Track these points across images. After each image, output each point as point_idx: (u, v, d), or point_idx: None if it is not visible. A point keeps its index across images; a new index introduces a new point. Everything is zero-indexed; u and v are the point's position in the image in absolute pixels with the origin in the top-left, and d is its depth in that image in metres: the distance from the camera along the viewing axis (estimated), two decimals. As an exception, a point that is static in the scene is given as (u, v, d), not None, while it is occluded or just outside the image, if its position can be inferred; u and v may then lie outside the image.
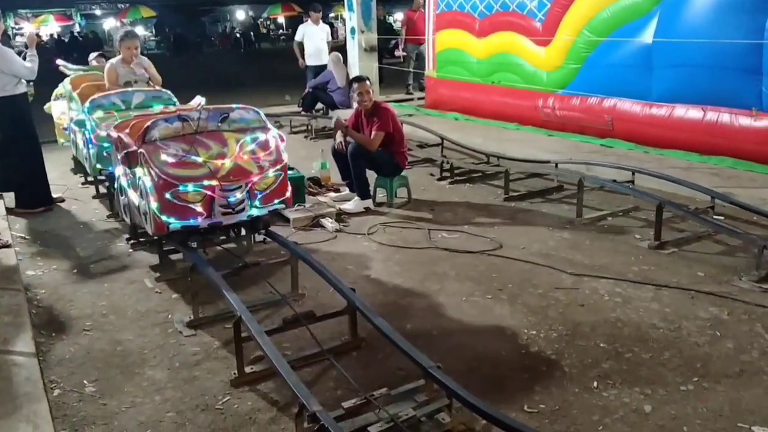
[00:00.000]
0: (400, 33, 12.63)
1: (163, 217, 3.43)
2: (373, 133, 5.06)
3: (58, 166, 6.83)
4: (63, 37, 34.64)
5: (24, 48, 5.56)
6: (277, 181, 3.70)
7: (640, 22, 6.60)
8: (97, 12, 43.03)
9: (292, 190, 3.93)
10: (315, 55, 10.05)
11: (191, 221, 3.48)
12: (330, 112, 9.53)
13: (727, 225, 4.12)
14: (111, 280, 3.95)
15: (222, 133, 3.69)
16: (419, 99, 10.53)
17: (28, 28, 33.01)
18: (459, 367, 2.75)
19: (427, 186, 5.81)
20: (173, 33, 37.83)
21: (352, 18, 10.08)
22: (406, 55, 11.90)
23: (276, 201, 3.74)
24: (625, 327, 3.11)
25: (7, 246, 4.34)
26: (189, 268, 3.32)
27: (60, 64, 7.06)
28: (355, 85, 5.20)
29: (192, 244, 3.72)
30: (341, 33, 24.16)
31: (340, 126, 5.23)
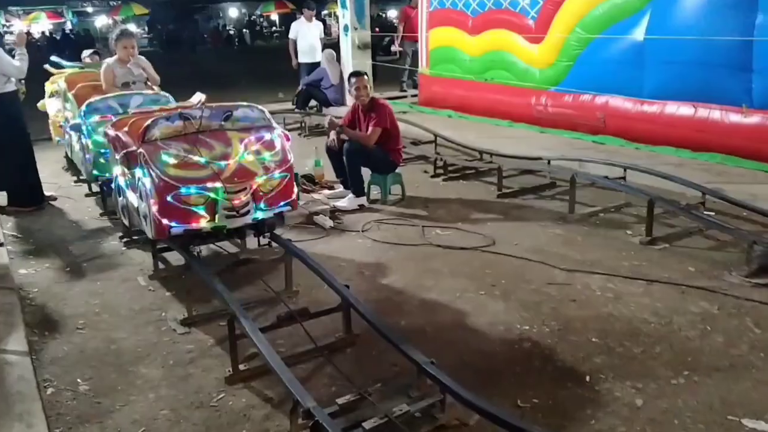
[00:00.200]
0: (397, 29, 12.61)
1: (164, 221, 3.29)
2: (369, 129, 5.06)
3: (51, 164, 6.80)
4: (55, 35, 34.38)
5: (15, 46, 5.53)
6: (283, 182, 3.56)
7: (631, 20, 6.64)
8: (89, 9, 42.84)
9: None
10: (308, 53, 10.04)
11: (193, 225, 3.35)
12: (324, 109, 9.53)
13: (717, 220, 4.15)
14: (104, 279, 3.94)
15: (225, 132, 3.55)
16: (413, 96, 10.53)
17: (19, 25, 32.79)
18: (453, 363, 2.76)
19: (421, 183, 5.82)
20: (165, 30, 37.64)
21: (345, 15, 10.07)
22: (402, 51, 11.90)
23: (282, 203, 3.60)
24: (616, 322, 3.14)
25: (-1, 245, 4.33)
26: (182, 266, 3.30)
27: (54, 60, 7.01)
28: (352, 79, 5.19)
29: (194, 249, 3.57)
30: (334, 30, 24.10)
31: (334, 126, 5.22)
